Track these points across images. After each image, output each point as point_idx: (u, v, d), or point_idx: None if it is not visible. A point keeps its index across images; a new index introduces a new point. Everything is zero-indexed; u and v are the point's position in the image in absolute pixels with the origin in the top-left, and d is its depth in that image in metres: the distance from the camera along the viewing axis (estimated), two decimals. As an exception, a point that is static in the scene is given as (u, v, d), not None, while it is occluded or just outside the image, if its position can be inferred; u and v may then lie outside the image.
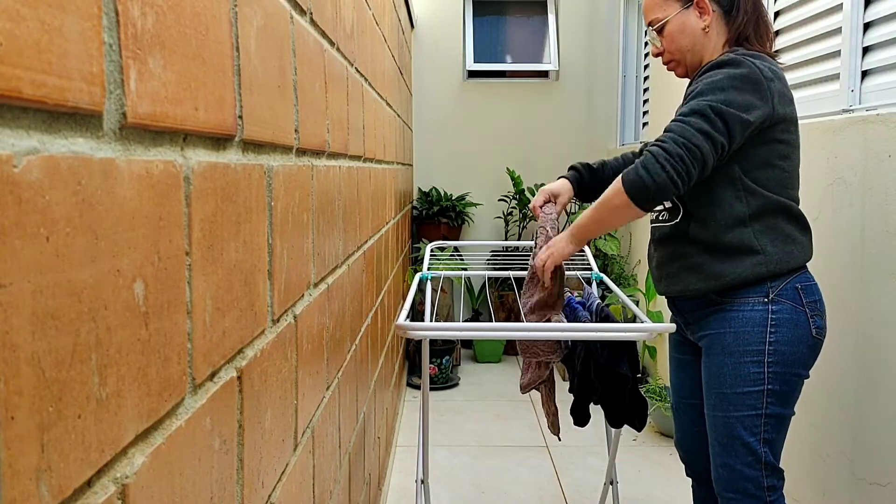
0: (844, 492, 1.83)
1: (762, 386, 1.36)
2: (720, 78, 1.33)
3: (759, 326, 1.37)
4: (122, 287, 0.48)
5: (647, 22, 1.54)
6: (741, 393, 1.38)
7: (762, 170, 1.37)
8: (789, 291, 1.38)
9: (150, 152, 0.53)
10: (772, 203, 1.38)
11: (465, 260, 4.13)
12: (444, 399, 3.48)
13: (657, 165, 1.29)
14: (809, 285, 1.40)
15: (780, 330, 1.36)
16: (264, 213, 0.82)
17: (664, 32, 1.50)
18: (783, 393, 1.37)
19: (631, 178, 1.32)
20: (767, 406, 1.37)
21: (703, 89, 1.33)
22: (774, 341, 1.36)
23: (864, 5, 1.89)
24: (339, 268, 1.34)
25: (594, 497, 2.39)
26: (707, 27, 1.46)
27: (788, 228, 1.40)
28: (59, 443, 0.40)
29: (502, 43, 4.46)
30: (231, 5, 0.69)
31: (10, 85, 0.36)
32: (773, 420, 1.37)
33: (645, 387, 3.04)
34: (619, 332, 1.45)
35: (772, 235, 1.38)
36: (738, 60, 1.35)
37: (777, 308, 1.37)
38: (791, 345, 1.36)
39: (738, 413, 1.38)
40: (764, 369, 1.36)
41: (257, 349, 0.79)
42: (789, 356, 1.36)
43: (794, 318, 1.37)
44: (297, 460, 0.98)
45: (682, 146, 1.28)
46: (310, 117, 1.05)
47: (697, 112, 1.30)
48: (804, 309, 1.38)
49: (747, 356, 1.37)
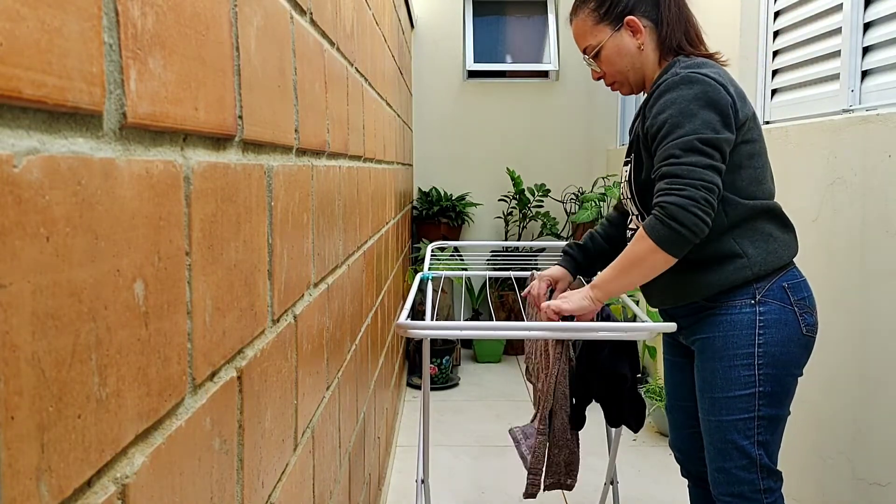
0: (844, 492, 1.83)
1: (753, 388, 1.35)
2: (685, 104, 1.30)
3: (747, 329, 1.36)
4: (122, 287, 0.48)
5: (582, 49, 1.53)
6: (733, 397, 1.37)
7: (733, 175, 1.35)
8: (776, 291, 1.37)
9: (150, 152, 0.53)
10: (748, 208, 1.37)
11: (465, 260, 4.13)
12: (444, 399, 3.48)
13: (689, 214, 1.25)
14: (797, 283, 1.39)
15: (768, 331, 1.35)
16: (264, 213, 0.82)
17: (601, 57, 1.49)
18: (775, 394, 1.37)
19: (664, 234, 1.27)
20: (760, 408, 1.36)
21: (674, 120, 1.30)
22: (763, 343, 1.35)
23: (864, 5, 1.89)
24: (339, 268, 1.34)
25: (594, 497, 2.39)
26: (642, 45, 1.45)
27: (769, 228, 1.39)
28: (59, 443, 0.40)
29: (502, 43, 4.46)
30: (231, 5, 0.69)
31: (10, 85, 0.36)
32: (766, 422, 1.37)
33: (645, 387, 3.04)
34: (619, 332, 1.45)
35: (752, 237, 1.37)
36: (690, 78, 1.32)
37: (764, 309, 1.36)
38: (781, 345, 1.35)
39: (731, 417, 1.37)
40: (755, 372, 1.35)
41: (257, 349, 0.79)
42: (780, 357, 1.36)
43: (783, 317, 1.36)
44: (297, 460, 0.98)
45: (700, 188, 1.26)
46: (310, 117, 1.05)
47: (691, 150, 1.27)
48: (793, 307, 1.37)
49: (737, 359, 1.36)
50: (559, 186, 4.41)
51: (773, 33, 2.38)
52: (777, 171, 2.18)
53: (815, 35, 2.11)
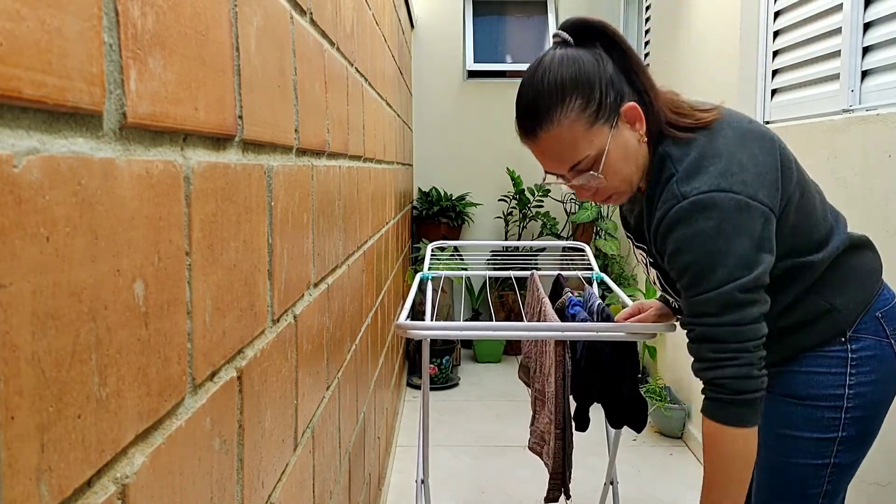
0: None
1: (836, 434, 1.15)
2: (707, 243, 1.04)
3: (838, 368, 1.15)
4: (122, 287, 0.48)
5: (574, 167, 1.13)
6: (811, 439, 1.16)
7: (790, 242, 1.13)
8: (869, 324, 1.16)
9: (150, 152, 0.53)
10: (820, 262, 1.16)
11: (465, 260, 4.12)
12: (444, 399, 3.48)
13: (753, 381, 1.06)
14: (890, 308, 1.18)
15: (861, 370, 1.15)
16: (264, 213, 0.82)
17: (605, 167, 1.12)
18: (860, 436, 1.16)
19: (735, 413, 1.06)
20: (837, 454, 1.15)
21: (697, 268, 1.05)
22: (856, 384, 1.15)
23: (864, 5, 1.89)
24: (339, 268, 1.34)
25: (594, 497, 2.39)
26: (642, 136, 1.13)
27: (846, 263, 1.17)
28: (59, 443, 0.40)
29: (502, 43, 4.46)
30: (231, 5, 0.69)
31: (10, 85, 0.36)
32: (840, 469, 1.16)
33: (645, 387, 3.04)
34: (619, 332, 1.45)
35: (835, 285, 1.16)
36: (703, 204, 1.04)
37: (857, 346, 1.15)
38: (876, 385, 1.15)
39: (803, 460, 1.17)
40: (841, 415, 1.15)
41: (257, 349, 0.79)
42: (872, 397, 1.15)
43: (880, 353, 1.16)
44: (297, 460, 0.98)
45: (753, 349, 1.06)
46: (310, 117, 1.05)
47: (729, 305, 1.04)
48: (889, 341, 1.16)
49: (824, 400, 1.15)
50: (559, 186, 4.41)
51: (773, 33, 2.38)
52: (777, 171, 2.19)
53: (815, 35, 2.11)
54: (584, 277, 2.17)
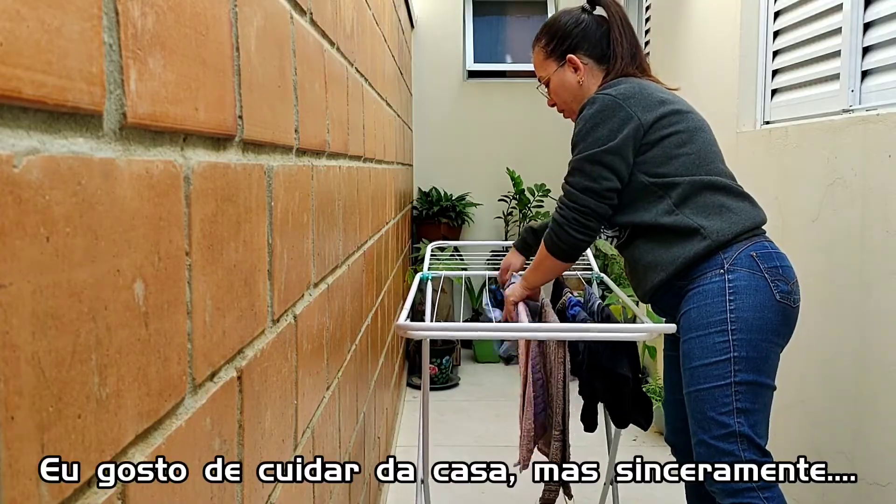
0: (844, 492, 1.83)
1: (728, 354, 1.35)
2: (581, 125, 1.48)
3: (718, 296, 1.37)
4: (122, 287, 0.48)
5: (538, 78, 1.72)
6: (709, 364, 1.36)
7: (665, 164, 1.45)
8: (743, 259, 1.39)
9: (150, 152, 0.53)
10: (689, 184, 1.44)
11: (465, 260, 4.12)
12: (444, 399, 3.48)
13: (563, 231, 1.49)
14: (766, 252, 1.41)
15: (739, 297, 1.36)
16: (264, 213, 0.82)
17: (549, 89, 1.69)
18: (752, 359, 1.35)
19: (549, 245, 1.54)
20: (736, 374, 1.34)
21: (574, 141, 1.50)
22: (735, 308, 1.36)
23: (864, 5, 1.89)
24: (339, 268, 1.34)
25: (594, 497, 2.39)
26: (581, 80, 1.62)
27: (718, 199, 1.44)
28: (59, 443, 0.40)
29: (502, 43, 4.46)
30: (231, 5, 0.69)
31: (10, 85, 0.36)
32: (744, 387, 1.34)
33: (645, 387, 3.04)
34: (619, 332, 1.45)
35: (703, 211, 1.43)
36: (592, 99, 1.49)
37: (733, 276, 1.38)
38: (753, 310, 1.35)
39: (708, 385, 1.36)
40: (728, 337, 1.35)
41: (257, 349, 0.79)
42: (753, 322, 1.35)
43: (753, 283, 1.37)
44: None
45: (572, 209, 1.48)
46: (310, 117, 1.05)
47: (576, 170, 1.48)
48: (762, 274, 1.38)
49: (711, 327, 1.37)
50: (559, 186, 4.41)
51: (773, 33, 2.38)
52: (777, 171, 2.19)
53: (815, 35, 2.11)
54: (583, 277, 2.17)
